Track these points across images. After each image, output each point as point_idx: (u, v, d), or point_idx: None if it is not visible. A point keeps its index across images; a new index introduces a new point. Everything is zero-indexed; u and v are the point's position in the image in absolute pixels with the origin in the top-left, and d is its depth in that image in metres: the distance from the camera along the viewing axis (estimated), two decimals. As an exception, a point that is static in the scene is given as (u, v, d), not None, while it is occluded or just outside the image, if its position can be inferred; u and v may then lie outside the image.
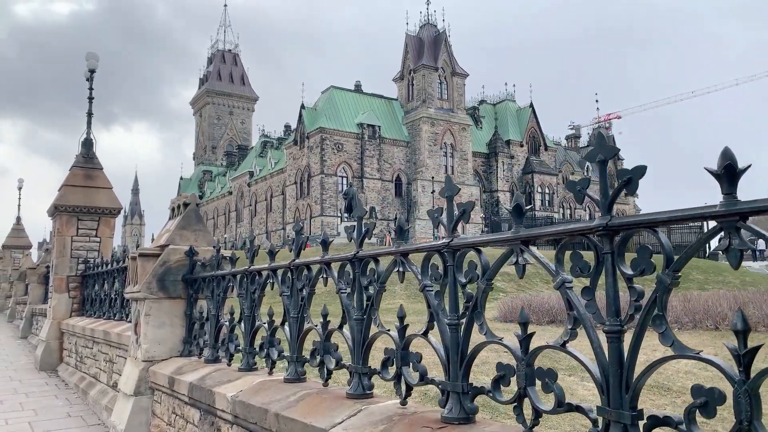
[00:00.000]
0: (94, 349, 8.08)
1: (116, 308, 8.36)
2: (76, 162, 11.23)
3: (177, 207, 6.09)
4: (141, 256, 5.72)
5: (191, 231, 5.90)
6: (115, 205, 11.13)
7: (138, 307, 5.81)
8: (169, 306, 5.66)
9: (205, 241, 5.97)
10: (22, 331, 15.87)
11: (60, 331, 10.48)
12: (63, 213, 10.65)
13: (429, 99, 76.15)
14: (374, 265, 3.01)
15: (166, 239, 5.80)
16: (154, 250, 5.79)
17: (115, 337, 6.85)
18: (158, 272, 5.64)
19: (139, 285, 5.59)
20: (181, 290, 5.73)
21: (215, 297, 5.12)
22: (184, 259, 5.77)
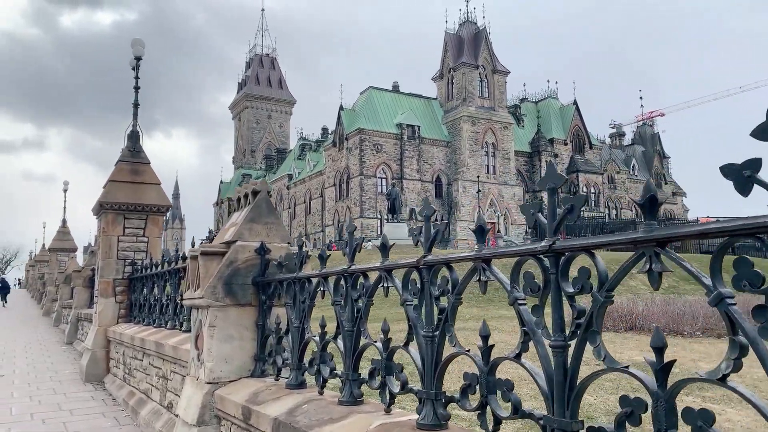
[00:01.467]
0: (145, 362, 7.15)
1: (168, 315, 7.43)
2: (122, 156, 10.43)
3: (244, 197, 5.06)
4: (204, 255, 4.71)
5: (262, 224, 4.87)
6: (163, 202, 10.27)
7: (199, 317, 4.80)
8: (237, 315, 4.64)
9: (279, 237, 4.93)
10: (68, 336, 15.25)
11: (106, 339, 9.66)
12: (109, 211, 9.83)
13: (469, 97, 74.64)
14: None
15: (232, 234, 4.78)
16: (218, 247, 4.78)
17: (169, 350, 5.88)
18: (224, 274, 4.62)
19: (201, 289, 4.58)
20: (251, 296, 4.70)
21: (298, 305, 4.07)
22: (254, 258, 4.74)
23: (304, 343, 3.98)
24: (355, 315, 3.28)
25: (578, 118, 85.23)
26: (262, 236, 4.85)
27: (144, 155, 10.64)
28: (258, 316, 4.69)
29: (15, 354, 13.12)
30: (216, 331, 4.56)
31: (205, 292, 4.55)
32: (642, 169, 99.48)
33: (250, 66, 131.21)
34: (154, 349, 6.52)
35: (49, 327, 21.14)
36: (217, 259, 4.75)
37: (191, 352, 4.93)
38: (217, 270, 4.63)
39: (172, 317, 7.19)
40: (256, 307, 4.71)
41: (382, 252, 3.05)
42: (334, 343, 3.49)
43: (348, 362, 3.30)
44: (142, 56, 10.73)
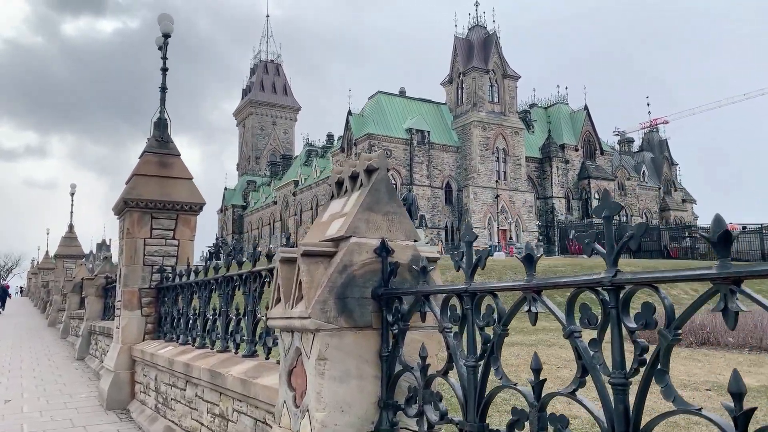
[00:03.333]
0: (189, 392, 5.75)
1: (217, 333, 6.04)
2: (147, 147, 9.06)
3: (350, 178, 3.69)
4: (307, 257, 3.33)
5: (382, 214, 3.50)
6: (196, 199, 8.90)
7: (296, 343, 3.41)
8: (355, 342, 3.26)
9: (402, 232, 3.55)
10: (79, 351, 13.84)
11: (131, 358, 8.25)
12: (134, 209, 8.45)
13: (480, 102, 73.45)
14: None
15: (341, 228, 3.41)
16: (324, 246, 3.40)
17: (234, 383, 4.47)
18: (337, 284, 3.25)
19: (307, 306, 3.20)
20: (371, 315, 3.32)
21: (471, 331, 2.68)
22: (372, 262, 3.37)
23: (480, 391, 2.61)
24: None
25: (589, 124, 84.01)
26: (383, 231, 3.47)
27: (173, 145, 9.28)
28: (382, 345, 3.31)
29: (21, 370, 11.72)
30: (328, 366, 3.17)
31: (313, 309, 3.16)
32: (652, 175, 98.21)
33: (254, 72, 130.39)
34: (206, 379, 5.12)
35: (55, 339, 19.72)
36: (324, 263, 3.37)
37: (282, 394, 3.54)
38: (327, 279, 3.24)
39: (223, 337, 5.79)
40: (377, 330, 3.33)
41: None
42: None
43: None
44: (171, 33, 9.39)
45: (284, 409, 3.50)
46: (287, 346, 3.55)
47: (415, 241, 3.59)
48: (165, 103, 9.35)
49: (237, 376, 4.48)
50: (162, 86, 9.35)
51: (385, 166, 3.54)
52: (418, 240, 3.60)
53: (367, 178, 3.55)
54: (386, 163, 3.55)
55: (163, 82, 9.38)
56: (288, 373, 3.53)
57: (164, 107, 9.34)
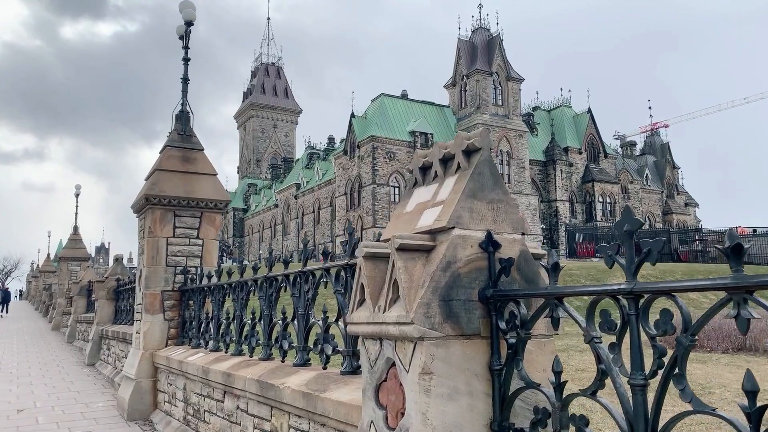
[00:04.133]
0: (229, 404, 5.23)
1: (257, 339, 5.53)
2: (169, 141, 8.55)
3: (440, 161, 3.18)
4: (403, 252, 2.82)
5: (486, 203, 2.99)
6: (221, 196, 8.38)
7: (392, 354, 2.90)
8: (462, 353, 2.75)
9: (509, 223, 3.05)
10: (89, 356, 13.29)
11: (154, 366, 7.73)
12: (156, 206, 7.94)
13: (483, 105, 73.09)
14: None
15: (441, 218, 2.90)
16: (420, 239, 2.90)
17: (293, 397, 3.95)
18: (441, 284, 2.74)
19: (409, 309, 2.70)
20: (479, 321, 2.81)
21: (638, 338, 2.17)
22: (478, 258, 2.87)
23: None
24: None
25: (592, 127, 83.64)
26: (487, 222, 2.97)
27: (196, 140, 8.78)
28: (491, 356, 2.80)
29: (31, 377, 11.18)
30: (435, 382, 2.66)
31: (416, 313, 2.66)
32: (654, 179, 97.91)
33: (255, 75, 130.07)
34: (254, 391, 4.60)
35: (61, 343, 19.16)
36: (421, 260, 2.87)
37: (368, 413, 3.02)
38: (430, 278, 2.74)
39: (265, 343, 5.27)
40: (486, 339, 2.82)
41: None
42: None
43: None
44: (194, 21, 8.89)
45: (371, 430, 2.99)
46: (374, 356, 3.04)
47: (522, 234, 3.08)
48: (187, 94, 8.85)
49: (297, 388, 3.96)
50: (184, 77, 8.85)
51: (488, 146, 3.03)
52: (526, 233, 3.09)
53: (466, 160, 3.04)
54: (489, 142, 3.04)
55: (185, 73, 8.88)
56: (375, 389, 3.02)
57: (186, 99, 8.84)
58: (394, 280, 2.84)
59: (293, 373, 4.38)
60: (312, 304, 4.65)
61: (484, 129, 3.08)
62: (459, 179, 3.02)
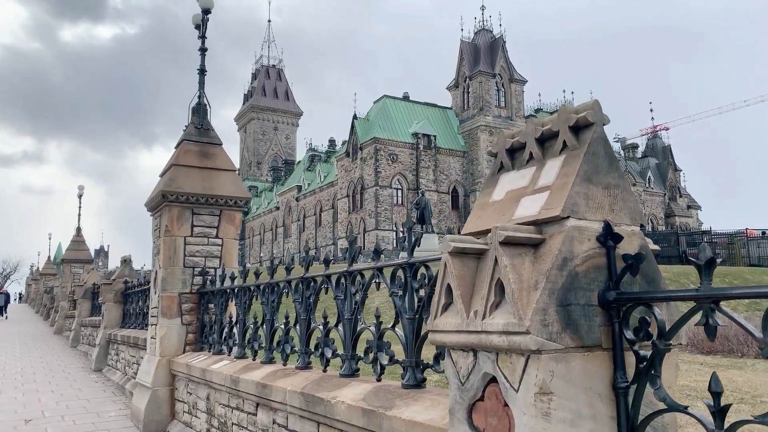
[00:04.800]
0: (263, 418, 4.75)
1: (292, 346, 5.06)
2: (186, 135, 8.09)
3: (537, 141, 2.72)
4: (507, 247, 2.36)
5: (602, 188, 2.53)
6: (241, 193, 7.92)
7: (492, 369, 2.43)
8: (583, 369, 2.29)
9: (627, 212, 2.59)
10: (96, 361, 12.80)
11: (171, 373, 7.25)
12: (173, 204, 7.47)
13: (486, 107, 72.77)
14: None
15: (551, 207, 2.44)
16: (526, 231, 2.43)
17: (351, 414, 3.47)
18: (558, 285, 2.28)
19: (510, 315, 2.24)
20: (600, 330, 2.35)
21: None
22: (596, 254, 2.41)
23: None
24: None
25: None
26: (604, 211, 2.51)
27: (214, 134, 8.32)
28: (615, 371, 2.34)
29: (37, 384, 10.70)
30: (555, 404, 2.20)
31: (532, 321, 2.19)
32: (657, 181, 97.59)
33: (256, 77, 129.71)
34: (296, 405, 4.13)
35: (65, 348, 18.66)
36: (528, 256, 2.40)
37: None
38: (545, 278, 2.27)
39: (303, 351, 4.80)
40: (607, 351, 2.36)
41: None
42: None
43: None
44: (211, 8, 8.44)
45: (465, 462, 2.51)
46: (465, 370, 2.57)
47: (641, 226, 2.62)
48: (204, 86, 8.39)
49: (353, 403, 3.49)
50: (201, 68, 8.40)
51: (601, 121, 2.57)
52: (644, 225, 2.63)
53: (575, 137, 2.57)
54: (603, 116, 2.58)
55: (202, 63, 8.42)
56: (468, 409, 2.55)
57: (203, 91, 8.38)
58: (497, 280, 2.38)
59: (343, 385, 3.90)
60: (361, 307, 4.19)
61: (596, 100, 2.62)
62: (567, 161, 2.55)
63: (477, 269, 2.65)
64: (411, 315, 3.59)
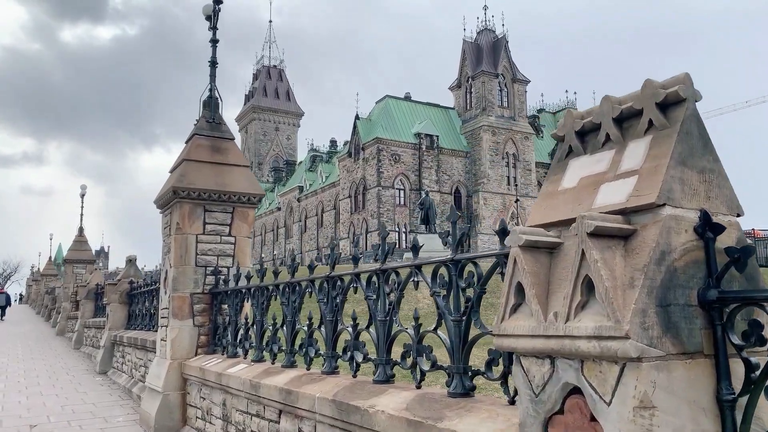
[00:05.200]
0: (288, 426, 4.44)
1: (316, 350, 4.76)
2: (197, 129, 7.79)
3: (620, 120, 2.43)
4: (596, 239, 2.07)
5: (696, 172, 2.24)
6: (255, 190, 7.62)
7: (574, 378, 2.13)
8: (686, 379, 1.99)
9: (723, 200, 2.29)
10: (101, 364, 12.50)
11: (182, 377, 6.95)
12: (185, 200, 7.17)
13: (489, 107, 72.44)
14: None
15: (643, 193, 2.15)
16: (614, 221, 2.13)
17: (395, 426, 3.16)
18: (656, 282, 1.99)
19: (603, 317, 1.95)
20: (700, 333, 2.05)
21: None
22: (694, 247, 2.12)
23: None
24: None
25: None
26: (700, 198, 2.21)
27: (226, 128, 8.03)
28: (719, 382, 2.04)
29: (40, 387, 10.40)
30: (658, 420, 1.91)
31: (631, 324, 1.89)
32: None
33: (257, 78, 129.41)
34: (328, 414, 3.82)
35: (68, 349, 18.36)
36: (618, 249, 2.11)
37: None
38: (641, 274, 1.98)
39: (329, 355, 4.50)
40: (709, 358, 2.06)
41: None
42: None
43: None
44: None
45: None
46: (539, 379, 2.27)
47: (738, 216, 2.32)
48: (215, 79, 8.10)
49: (396, 413, 3.18)
50: (212, 60, 8.10)
51: (693, 96, 2.27)
52: (741, 214, 2.33)
53: (663, 115, 2.27)
54: (695, 92, 2.28)
55: (213, 55, 8.13)
56: (543, 424, 2.25)
57: (214, 84, 8.08)
58: (584, 277, 2.08)
59: (380, 393, 3.60)
60: (396, 308, 3.88)
61: (686, 74, 2.31)
62: (656, 141, 2.25)
63: (550, 265, 2.36)
64: (457, 317, 3.29)
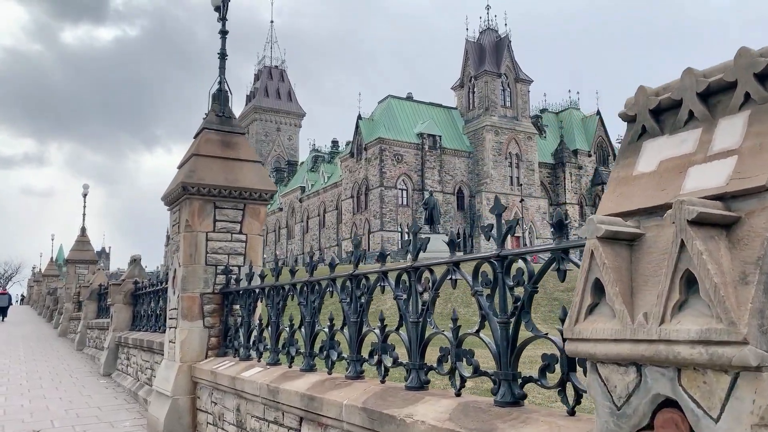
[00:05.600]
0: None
1: (337, 353, 4.47)
2: (206, 123, 7.51)
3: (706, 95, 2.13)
4: (698, 228, 1.77)
5: (805, 151, 1.93)
6: (266, 186, 7.34)
7: (673, 390, 1.84)
8: (806, 391, 1.69)
9: (833, 185, 1.98)
10: (105, 366, 12.21)
11: (192, 380, 6.67)
12: (194, 197, 6.89)
13: (492, 106, 72.21)
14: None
15: (746, 173, 1.85)
16: (716, 208, 1.84)
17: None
18: (774, 277, 1.69)
19: (705, 318, 1.66)
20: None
21: None
22: (807, 237, 1.81)
23: None
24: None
25: (602, 129, 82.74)
26: (810, 181, 1.91)
27: (236, 122, 7.76)
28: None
29: (43, 390, 10.12)
30: (783, 441, 1.60)
31: (750, 325, 1.61)
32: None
33: (258, 78, 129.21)
34: (356, 423, 3.53)
35: (71, 351, 18.08)
36: (721, 240, 1.82)
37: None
38: (756, 268, 1.70)
39: (355, 358, 4.22)
40: (826, 366, 1.76)
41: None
42: None
43: None
44: (233, -11, 7.86)
45: (630, 507, 1.92)
46: (623, 390, 1.98)
47: None
48: (225, 71, 7.82)
49: (439, 424, 2.89)
50: (221, 52, 7.82)
51: (800, 66, 1.98)
52: None
53: (762, 87, 1.99)
54: (801, 61, 1.98)
55: (223, 47, 7.85)
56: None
57: (224, 77, 7.81)
58: (683, 272, 1.79)
59: (415, 400, 3.31)
60: (432, 308, 3.60)
61: (790, 42, 2.03)
62: (756, 117, 1.96)
63: (631, 260, 2.08)
64: (504, 318, 3.01)
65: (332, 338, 4.59)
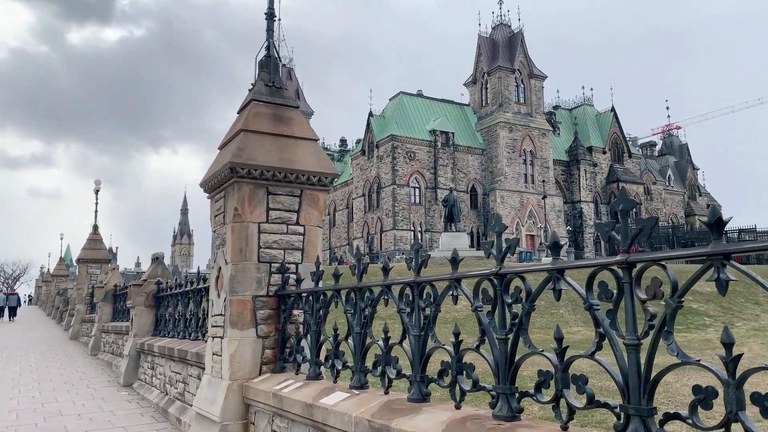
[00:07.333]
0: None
1: (473, 381, 3.28)
2: (254, 94, 6.34)
3: None
4: None
5: None
6: (327, 168, 6.15)
7: None
8: None
9: None
10: (125, 375, 11.06)
11: (244, 402, 5.50)
12: (244, 180, 5.72)
13: (506, 103, 70.90)
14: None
15: None
16: None
17: None
18: None
19: None
20: None
21: None
22: None
23: None
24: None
25: (616, 126, 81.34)
26: None
27: (288, 94, 6.60)
28: None
29: (59, 403, 8.99)
30: None
31: None
32: (676, 180, 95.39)
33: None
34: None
35: (84, 356, 16.96)
36: None
37: None
38: None
39: (504, 392, 3.02)
40: None
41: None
42: None
43: None
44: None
45: None
46: None
47: None
48: (273, 34, 6.65)
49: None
50: (269, 11, 6.64)
51: None
52: None
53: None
54: None
55: (270, 5, 6.67)
56: None
57: (272, 41, 6.63)
58: None
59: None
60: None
61: None
62: None
63: None
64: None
65: (459, 361, 3.40)
